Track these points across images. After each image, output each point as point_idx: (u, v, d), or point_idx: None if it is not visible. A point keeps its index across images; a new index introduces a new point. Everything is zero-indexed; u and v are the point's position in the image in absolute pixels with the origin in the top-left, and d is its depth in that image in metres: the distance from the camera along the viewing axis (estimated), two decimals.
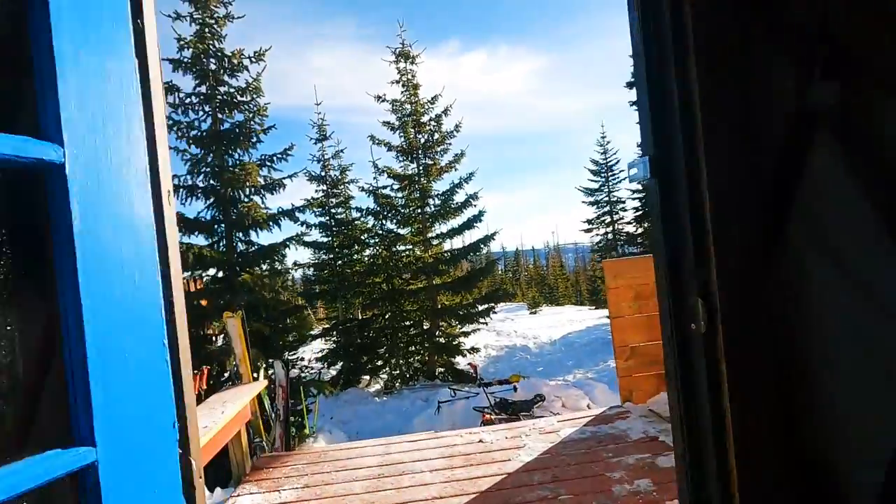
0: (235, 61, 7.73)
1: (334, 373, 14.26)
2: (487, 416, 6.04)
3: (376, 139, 14.27)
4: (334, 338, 14.09)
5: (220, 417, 3.55)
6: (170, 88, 7.52)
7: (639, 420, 4.50)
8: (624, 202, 20.99)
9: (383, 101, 14.35)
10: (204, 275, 7.88)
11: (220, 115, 7.90)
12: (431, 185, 14.12)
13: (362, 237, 14.42)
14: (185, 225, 7.52)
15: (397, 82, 14.42)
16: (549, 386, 8.27)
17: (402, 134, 14.41)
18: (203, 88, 7.80)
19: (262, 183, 8.16)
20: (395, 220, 14.32)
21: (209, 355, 6.70)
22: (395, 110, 14.47)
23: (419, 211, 14.27)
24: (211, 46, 7.76)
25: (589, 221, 20.73)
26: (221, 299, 7.28)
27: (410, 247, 14.27)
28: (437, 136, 14.41)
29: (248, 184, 7.51)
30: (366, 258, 14.34)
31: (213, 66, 7.80)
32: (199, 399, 4.56)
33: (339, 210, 14.81)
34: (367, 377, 13.97)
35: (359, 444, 4.70)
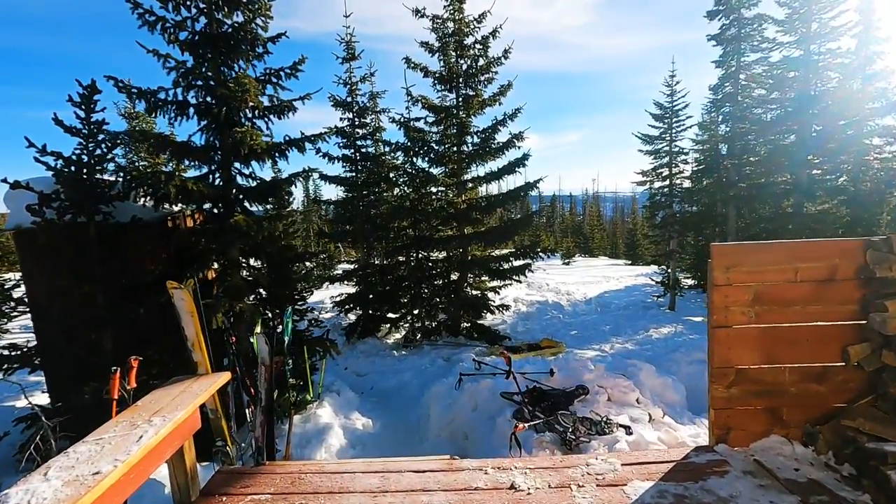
0: None
1: (353, 318, 13.44)
2: (520, 425, 4.81)
3: (412, 62, 12.39)
4: (355, 282, 13.08)
5: (135, 447, 2.38)
6: None
7: (744, 479, 3.14)
8: (686, 153, 18.58)
9: (422, 16, 12.30)
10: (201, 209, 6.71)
11: (217, 15, 6.33)
12: (471, 119, 12.32)
13: (390, 175, 12.96)
14: (174, 149, 6.23)
15: None
16: (590, 372, 6.98)
17: (441, 58, 12.46)
18: None
19: (267, 104, 6.69)
20: (426, 159, 12.74)
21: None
22: (436, 29, 12.44)
23: (455, 149, 12.60)
24: None
25: (643, 173, 18.51)
26: (214, 243, 6.10)
27: (442, 189, 12.76)
28: (481, 62, 12.40)
29: (247, 103, 6.06)
30: (392, 200, 12.95)
31: None
32: (123, 403, 3.47)
33: (367, 143, 13.27)
34: (387, 326, 13.07)
35: (350, 465, 3.54)
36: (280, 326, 7.06)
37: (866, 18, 14.53)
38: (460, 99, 12.51)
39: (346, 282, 12.76)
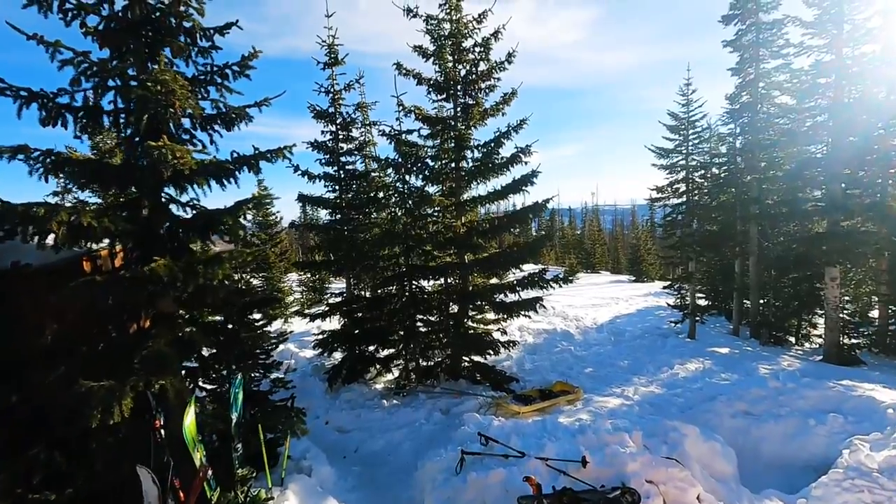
0: None
1: (339, 356, 11.75)
2: None
3: (403, 68, 10.93)
4: (339, 317, 11.43)
5: None
6: None
7: None
8: (705, 166, 17.13)
9: (415, 16, 10.87)
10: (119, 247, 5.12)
11: None
12: (471, 132, 10.82)
13: (379, 195, 11.40)
14: (76, 171, 4.64)
15: None
16: (633, 459, 5.34)
17: (437, 63, 10.98)
18: None
19: (210, 112, 5.14)
20: (421, 176, 11.20)
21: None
22: (431, 31, 11.00)
23: (453, 165, 11.09)
24: None
25: (658, 189, 17.01)
26: (127, 297, 4.48)
27: (439, 210, 11.19)
28: (482, 66, 10.95)
29: (177, 109, 4.49)
30: (383, 223, 11.37)
31: None
32: None
33: (354, 158, 11.73)
34: (377, 368, 11.40)
35: None
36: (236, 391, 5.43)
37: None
38: (458, 109, 11.04)
39: (328, 318, 11.10)
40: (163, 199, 5.11)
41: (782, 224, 16.84)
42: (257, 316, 6.45)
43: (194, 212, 5.17)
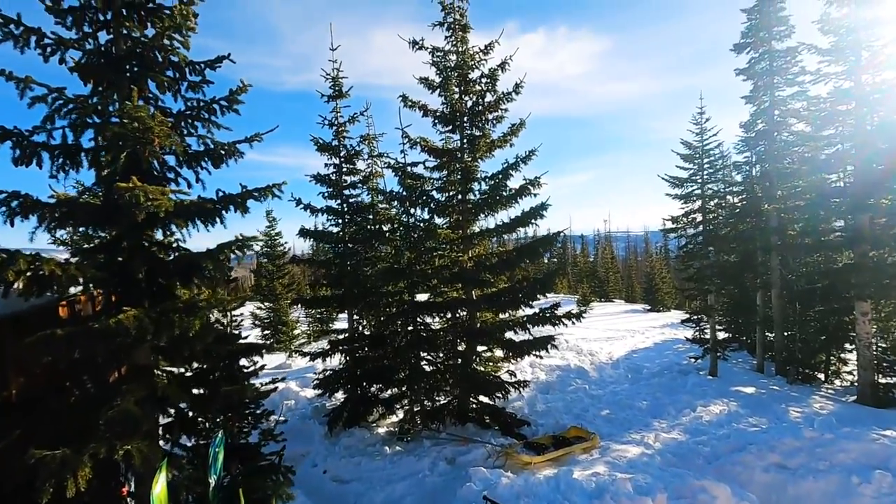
0: None
1: (340, 396, 11.20)
2: None
3: (409, 100, 10.73)
4: (340, 356, 10.94)
5: None
6: None
7: None
8: (721, 196, 16.61)
9: (421, 48, 10.72)
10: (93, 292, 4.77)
11: (122, 30, 4.58)
12: (477, 164, 10.51)
13: (383, 229, 11.05)
14: (46, 213, 4.32)
15: (440, 24, 10.74)
16: None
17: (443, 94, 10.78)
18: None
19: (197, 148, 4.83)
20: (427, 209, 10.85)
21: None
22: (437, 62, 10.83)
23: (459, 198, 10.74)
24: None
25: (674, 219, 16.47)
26: (97, 351, 4.08)
27: (445, 244, 10.78)
28: (489, 98, 10.71)
29: (156, 146, 4.18)
30: (387, 257, 10.98)
31: None
32: None
33: (358, 191, 11.45)
34: (379, 410, 10.81)
35: None
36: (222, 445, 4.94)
37: None
38: (465, 140, 10.76)
39: (328, 357, 10.60)
40: (143, 242, 4.76)
41: (805, 255, 16.11)
42: (247, 361, 5.99)
43: (176, 254, 4.81)
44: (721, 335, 19.45)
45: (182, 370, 5.36)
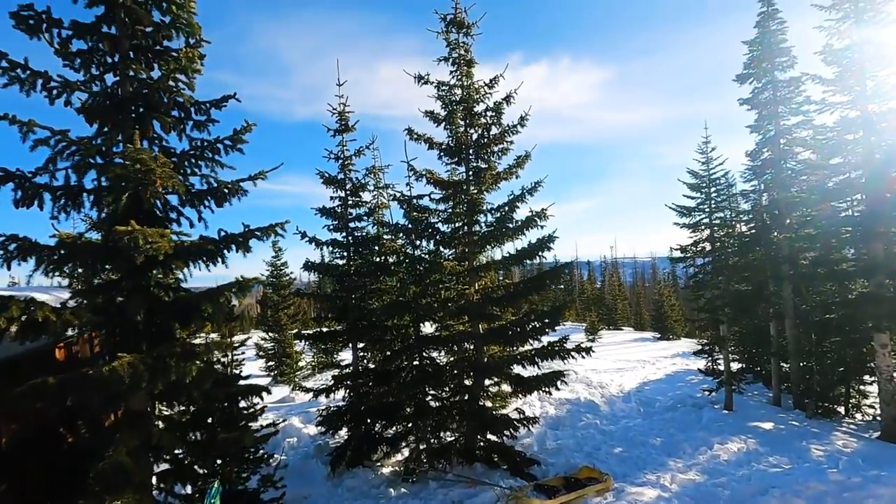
0: None
1: (344, 433, 10.87)
2: None
3: (414, 133, 10.78)
4: (344, 391, 10.68)
5: None
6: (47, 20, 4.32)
7: None
8: (730, 225, 16.44)
9: (426, 82, 10.84)
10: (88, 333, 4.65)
11: (128, 72, 4.61)
12: (483, 196, 10.46)
13: (389, 261, 10.95)
14: (47, 256, 4.24)
15: (445, 59, 10.88)
16: None
17: (448, 127, 10.83)
18: (105, 27, 4.62)
19: (200, 188, 4.79)
20: (432, 240, 10.77)
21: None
22: (442, 96, 10.93)
23: (465, 229, 10.65)
24: None
25: (682, 249, 16.28)
26: (90, 399, 3.92)
27: (450, 277, 10.64)
28: (494, 130, 10.74)
29: (158, 187, 4.13)
30: (392, 290, 10.85)
31: None
32: None
33: (364, 223, 11.41)
34: (384, 449, 10.48)
35: None
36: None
37: None
38: (471, 172, 10.75)
39: (332, 393, 10.35)
40: (143, 282, 4.67)
41: (818, 284, 15.77)
42: (247, 402, 5.79)
43: (175, 296, 4.71)
44: (735, 366, 18.90)
45: (179, 412, 5.17)
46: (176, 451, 4.84)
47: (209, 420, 5.31)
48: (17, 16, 4.25)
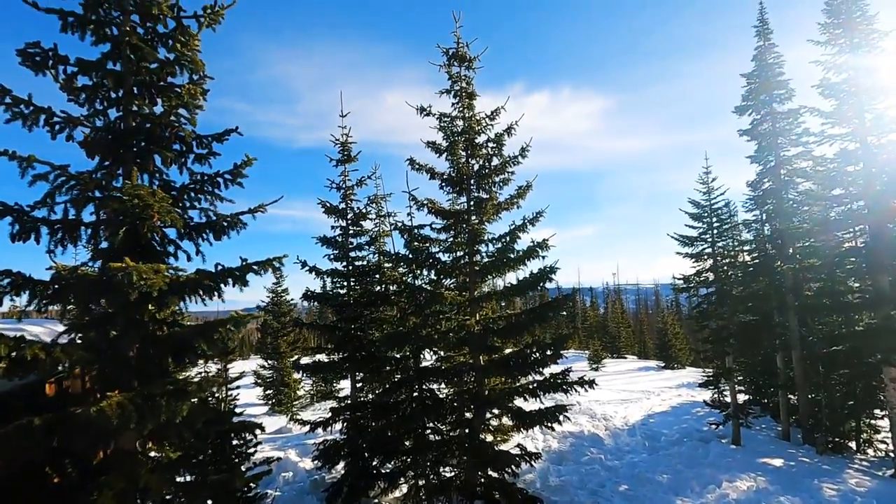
0: (155, 11, 4.57)
1: (342, 467, 10.58)
2: None
3: (416, 163, 10.84)
4: (341, 423, 10.44)
5: None
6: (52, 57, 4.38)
7: None
8: (733, 255, 16.36)
9: (428, 114, 10.97)
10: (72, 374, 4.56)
11: (131, 107, 4.65)
12: (484, 226, 10.44)
13: (389, 290, 10.86)
14: (41, 290, 4.19)
15: (447, 92, 11.04)
16: None
17: (449, 157, 10.89)
18: (111, 63, 4.69)
19: (199, 221, 4.76)
20: (433, 270, 10.70)
21: None
22: (444, 127, 11.05)
23: (466, 259, 10.60)
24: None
25: (685, 279, 16.17)
26: (76, 442, 3.80)
27: (453, 307, 10.52)
28: (495, 161, 10.80)
29: (155, 221, 4.11)
30: (392, 320, 10.72)
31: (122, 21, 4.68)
32: None
33: (365, 252, 11.38)
34: (381, 484, 10.17)
35: None
36: None
37: None
38: (472, 202, 10.75)
39: (329, 426, 10.10)
40: (137, 317, 4.59)
41: (824, 316, 15.57)
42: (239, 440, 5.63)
43: (169, 331, 4.63)
44: (741, 397, 18.52)
45: (168, 451, 5.02)
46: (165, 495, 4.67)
47: (201, 457, 5.14)
48: (23, 53, 4.32)
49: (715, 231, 15.78)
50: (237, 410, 7.23)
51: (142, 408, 3.81)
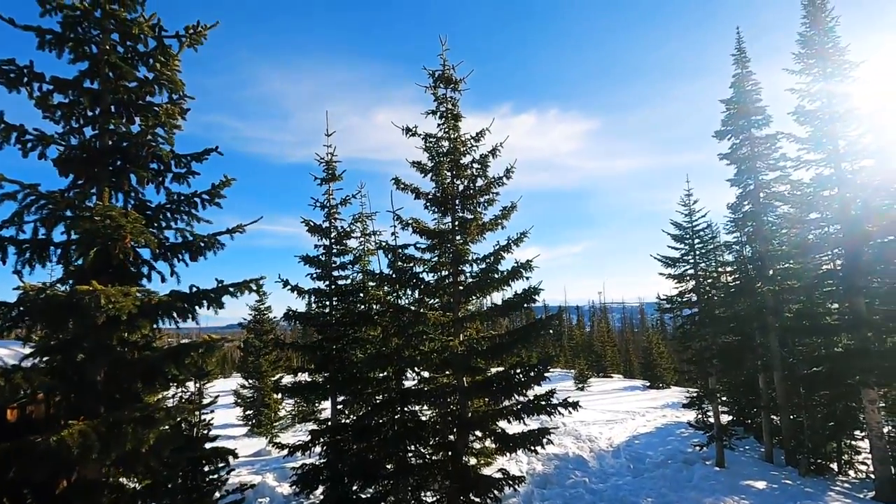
0: (136, 30, 4.54)
1: (320, 493, 10.27)
2: None
3: (401, 183, 10.84)
4: (321, 446, 10.19)
5: None
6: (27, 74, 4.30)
7: None
8: (715, 276, 16.57)
9: (414, 134, 11.02)
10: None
11: (108, 126, 4.58)
12: (468, 247, 10.43)
13: (372, 310, 10.74)
14: (8, 314, 4.04)
15: (433, 113, 11.11)
16: None
17: (434, 178, 10.93)
18: (88, 81, 4.64)
19: (175, 241, 4.66)
20: (417, 290, 10.63)
21: None
22: (429, 148, 11.09)
23: (450, 279, 10.55)
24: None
25: (669, 300, 16.30)
26: (37, 472, 3.62)
27: (437, 327, 10.42)
28: (480, 182, 10.85)
29: (127, 242, 4.01)
30: (375, 340, 10.58)
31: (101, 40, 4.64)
32: None
33: (348, 272, 11.27)
34: None
35: None
36: None
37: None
38: (457, 223, 10.75)
39: (308, 449, 9.85)
40: (106, 341, 4.44)
41: (804, 337, 15.78)
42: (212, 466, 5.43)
43: (138, 355, 4.49)
44: (725, 418, 18.56)
45: (135, 481, 4.82)
46: None
47: (169, 486, 4.94)
48: None
49: (697, 252, 15.99)
50: (212, 434, 7.01)
51: (106, 436, 3.66)
